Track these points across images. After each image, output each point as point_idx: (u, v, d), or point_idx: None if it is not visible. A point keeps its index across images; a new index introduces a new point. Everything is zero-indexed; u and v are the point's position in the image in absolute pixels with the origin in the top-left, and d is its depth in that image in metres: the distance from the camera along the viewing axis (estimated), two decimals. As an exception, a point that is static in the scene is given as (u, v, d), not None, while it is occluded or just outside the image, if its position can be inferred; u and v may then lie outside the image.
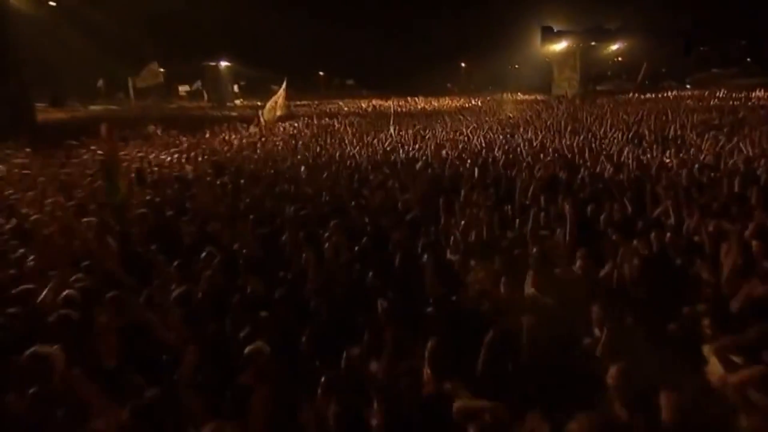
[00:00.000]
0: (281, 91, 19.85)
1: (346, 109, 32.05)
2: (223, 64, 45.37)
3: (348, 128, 18.87)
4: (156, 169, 11.54)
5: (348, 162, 11.29)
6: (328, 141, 15.42)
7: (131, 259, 5.41)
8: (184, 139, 17.50)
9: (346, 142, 14.85)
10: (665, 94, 29.78)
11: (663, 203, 6.43)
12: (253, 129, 20.12)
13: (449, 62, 58.66)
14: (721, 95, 25.09)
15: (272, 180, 9.94)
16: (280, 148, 14.64)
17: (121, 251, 5.65)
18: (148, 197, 8.37)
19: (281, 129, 20.14)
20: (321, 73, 60.04)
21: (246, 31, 48.95)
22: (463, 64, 60.65)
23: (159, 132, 19.81)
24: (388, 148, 12.97)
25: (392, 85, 48.08)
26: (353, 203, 7.77)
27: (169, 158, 13.15)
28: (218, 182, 9.93)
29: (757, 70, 35.76)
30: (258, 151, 14.16)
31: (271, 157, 12.62)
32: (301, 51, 53.39)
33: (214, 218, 7.10)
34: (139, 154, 13.34)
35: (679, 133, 12.86)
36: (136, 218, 7.00)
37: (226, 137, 17.87)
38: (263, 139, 16.86)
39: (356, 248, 5.75)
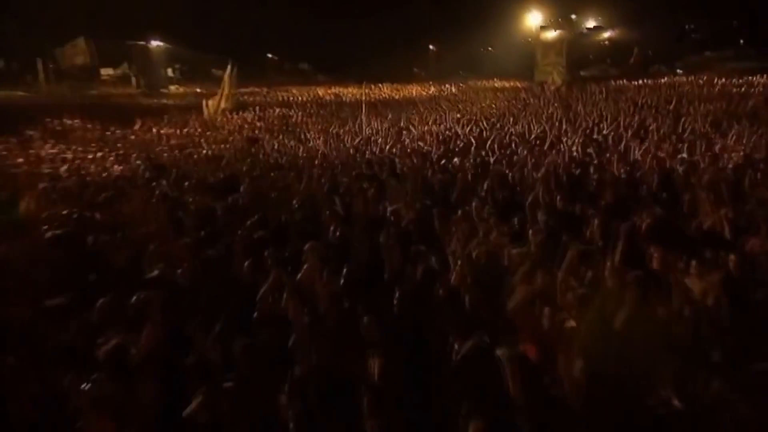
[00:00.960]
0: (227, 77, 18.85)
1: (302, 97, 31.15)
2: (156, 44, 43.52)
3: (309, 120, 18.02)
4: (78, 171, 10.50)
5: (316, 162, 10.55)
6: (288, 136, 14.58)
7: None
8: (110, 133, 16.29)
9: (308, 137, 14.09)
10: (658, 81, 30.15)
11: (708, 212, 5.99)
12: (195, 121, 19.00)
13: (416, 44, 58.35)
14: (721, 81, 25.51)
15: (224, 185, 9.12)
16: (229, 145, 13.67)
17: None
18: (64, 212, 7.37)
19: (230, 121, 19.09)
20: (270, 55, 58.63)
21: (182, 5, 47.01)
22: (431, 47, 60.47)
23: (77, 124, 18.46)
24: (361, 145, 12.25)
25: (352, 70, 47.29)
26: (328, 217, 7.02)
27: (91, 158, 12.06)
28: (157, 191, 9.03)
29: (753, 53, 36.77)
30: (205, 149, 13.19)
31: (222, 157, 11.68)
32: (246, 30, 51.77)
33: (150, 240, 6.25)
34: (54, 154, 12.18)
35: (689, 125, 12.64)
36: (43, 245, 6.02)
37: (163, 131, 16.77)
38: (209, 133, 15.85)
39: (341, 279, 5.04)
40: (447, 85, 37.68)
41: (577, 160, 9.83)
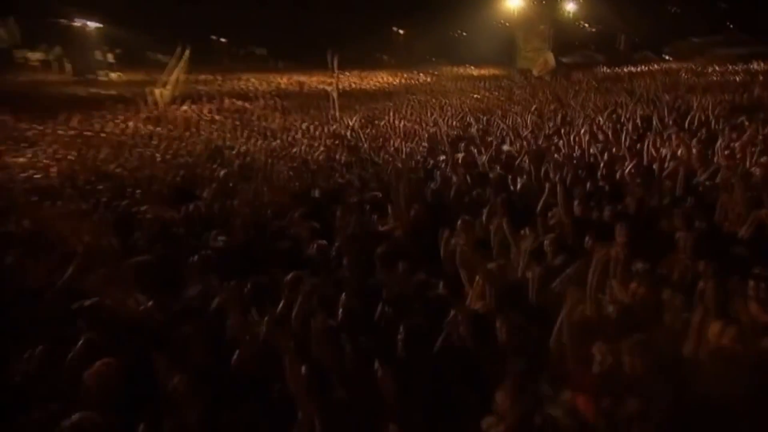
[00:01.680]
0: (181, 63, 18.03)
1: (261, 87, 30.43)
2: (91, 25, 41.79)
3: (274, 114, 17.40)
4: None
5: (287, 164, 9.98)
6: (251, 132, 13.95)
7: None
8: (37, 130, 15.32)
9: (275, 134, 13.51)
10: (647, 68, 30.49)
11: (740, 216, 5.76)
12: (141, 114, 18.06)
13: (382, 29, 57.85)
14: (714, 68, 25.87)
15: (181, 192, 8.54)
16: (185, 143, 12.96)
17: None
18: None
19: (183, 114, 18.25)
20: (222, 39, 57.11)
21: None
22: (400, 31, 60.11)
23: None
24: (336, 145, 11.74)
25: (314, 56, 46.41)
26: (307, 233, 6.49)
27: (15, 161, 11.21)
28: (98, 199, 8.30)
29: (744, 38, 37.57)
30: (157, 148, 12.45)
31: (178, 158, 10.99)
32: (194, 11, 50.33)
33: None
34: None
35: (697, 118, 12.50)
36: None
37: (101, 125, 15.90)
38: (160, 129, 15.04)
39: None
40: (418, 74, 37.35)
41: (585, 160, 9.59)
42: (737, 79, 21.48)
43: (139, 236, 6.65)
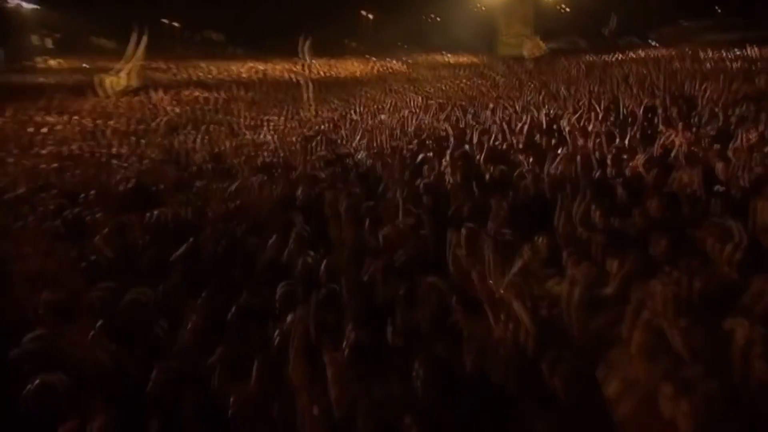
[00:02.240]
0: (138, 51, 17.33)
1: (220, 75, 29.90)
2: (27, 6, 40.39)
3: (238, 106, 16.89)
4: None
5: (260, 162, 9.53)
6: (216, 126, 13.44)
7: None
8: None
9: (243, 128, 13.05)
10: (636, 54, 30.70)
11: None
12: (88, 105, 17.33)
13: (348, 11, 57.37)
14: (707, 55, 26.15)
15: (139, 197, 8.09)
16: (142, 140, 12.38)
17: None
18: None
19: (135, 106, 17.60)
20: (175, 24, 55.75)
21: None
22: (369, 16, 59.70)
23: None
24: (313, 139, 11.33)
25: (276, 42, 45.69)
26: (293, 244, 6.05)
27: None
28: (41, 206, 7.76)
29: (734, 23, 38.18)
30: (111, 146, 11.84)
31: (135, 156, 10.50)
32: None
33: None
34: None
35: (706, 110, 12.41)
36: None
37: (45, 119, 15.19)
38: (112, 123, 14.40)
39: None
40: (391, 61, 37.02)
41: (590, 156, 9.27)
42: (735, 66, 21.66)
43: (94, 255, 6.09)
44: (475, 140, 10.92)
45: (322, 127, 13.23)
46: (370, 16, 60.25)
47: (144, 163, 10.23)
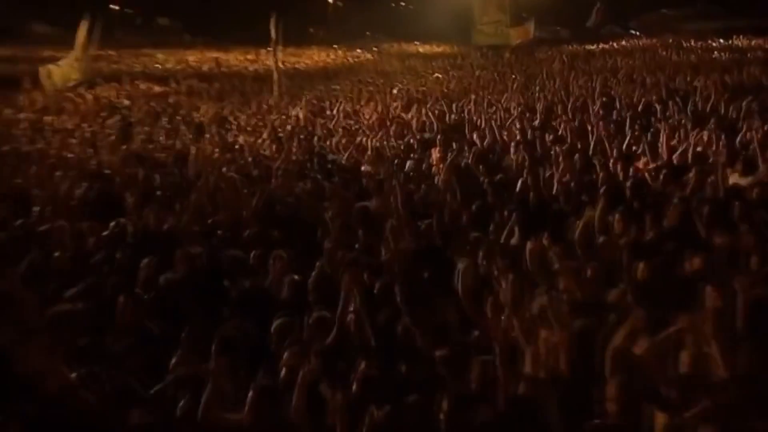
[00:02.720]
0: (88, 40, 16.68)
1: (177, 66, 29.39)
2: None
3: (198, 101, 16.50)
4: None
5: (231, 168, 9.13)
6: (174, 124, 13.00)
7: None
8: None
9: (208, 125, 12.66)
10: (619, 44, 30.99)
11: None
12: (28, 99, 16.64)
13: (310, -1, 56.81)
14: (691, 44, 26.53)
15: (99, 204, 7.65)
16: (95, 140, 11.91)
17: None
18: None
19: (83, 100, 17.03)
20: (115, 7, 54.10)
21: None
22: (331, 1, 59.17)
23: None
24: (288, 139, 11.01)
25: (231, 29, 44.92)
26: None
27: None
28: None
29: (716, 11, 38.83)
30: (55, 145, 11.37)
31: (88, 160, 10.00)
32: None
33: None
34: None
35: (708, 106, 12.41)
36: None
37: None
38: (55, 119, 13.97)
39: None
40: (357, 51, 36.72)
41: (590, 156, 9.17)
42: (723, 56, 21.97)
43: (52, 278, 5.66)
44: (465, 139, 10.82)
45: (297, 124, 12.85)
46: (332, 1, 59.71)
47: (100, 165, 9.73)
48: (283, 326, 4.56)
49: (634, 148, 9.54)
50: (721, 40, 28.31)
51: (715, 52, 24.13)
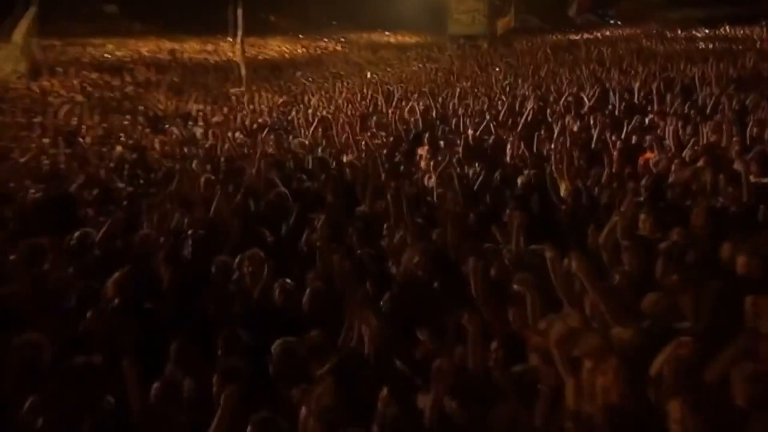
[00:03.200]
0: (26, 27, 16.06)
1: (122, 55, 29.18)
2: None
3: (155, 94, 16.03)
4: None
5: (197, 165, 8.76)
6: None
7: None
8: None
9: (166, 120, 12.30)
10: (600, 34, 31.21)
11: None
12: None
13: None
14: (677, 34, 26.83)
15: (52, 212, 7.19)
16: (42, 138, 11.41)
17: None
18: None
19: (24, 92, 16.47)
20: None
21: None
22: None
23: None
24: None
25: (184, 18, 44.10)
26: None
27: None
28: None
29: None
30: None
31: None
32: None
33: None
34: None
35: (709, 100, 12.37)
36: None
37: None
38: None
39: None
40: (322, 41, 36.38)
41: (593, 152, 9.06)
42: (710, 46, 22.23)
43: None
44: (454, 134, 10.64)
45: (267, 119, 12.51)
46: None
47: (54, 164, 9.26)
48: (286, 350, 4.19)
49: (635, 140, 9.51)
50: (706, 30, 28.67)
51: (701, 42, 24.39)
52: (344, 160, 9.18)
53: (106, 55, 29.49)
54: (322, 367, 4.06)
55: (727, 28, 28.04)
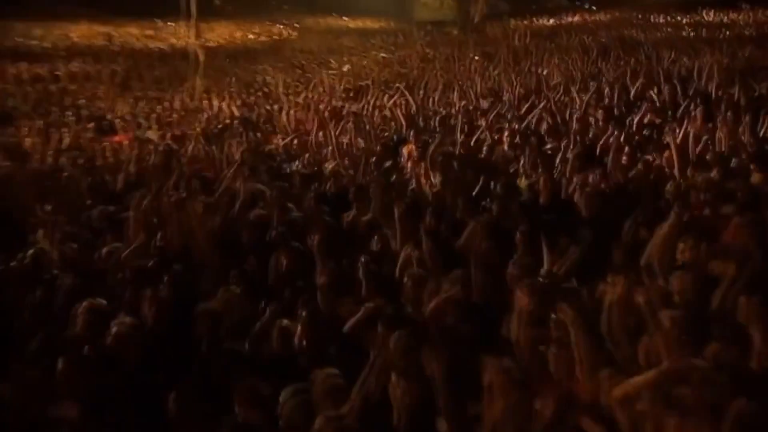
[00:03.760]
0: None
1: (50, 42, 28.40)
2: None
3: (101, 88, 15.60)
4: None
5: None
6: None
7: None
8: None
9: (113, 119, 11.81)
10: (575, 19, 31.44)
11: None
12: None
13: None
14: (659, 20, 27.14)
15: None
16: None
17: None
18: None
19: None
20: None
21: None
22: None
23: None
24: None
25: (125, 2, 43.12)
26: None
27: None
28: None
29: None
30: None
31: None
32: None
33: None
34: None
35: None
36: None
37: None
38: None
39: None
40: (279, 27, 36.16)
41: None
42: (694, 33, 22.50)
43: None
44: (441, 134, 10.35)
45: (233, 117, 12.07)
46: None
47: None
48: (298, 404, 3.82)
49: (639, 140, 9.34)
50: (688, 16, 29.07)
51: (685, 29, 24.67)
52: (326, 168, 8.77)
53: (33, 43, 28.56)
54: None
55: (708, 13, 28.51)
